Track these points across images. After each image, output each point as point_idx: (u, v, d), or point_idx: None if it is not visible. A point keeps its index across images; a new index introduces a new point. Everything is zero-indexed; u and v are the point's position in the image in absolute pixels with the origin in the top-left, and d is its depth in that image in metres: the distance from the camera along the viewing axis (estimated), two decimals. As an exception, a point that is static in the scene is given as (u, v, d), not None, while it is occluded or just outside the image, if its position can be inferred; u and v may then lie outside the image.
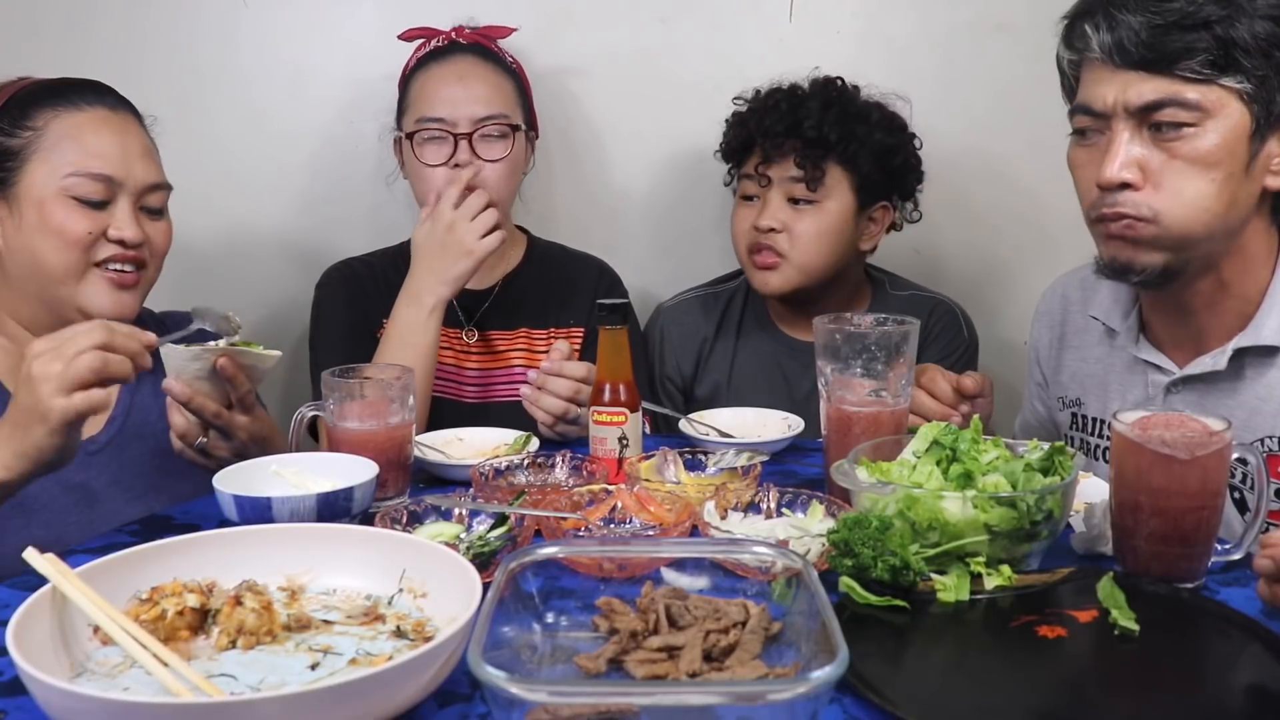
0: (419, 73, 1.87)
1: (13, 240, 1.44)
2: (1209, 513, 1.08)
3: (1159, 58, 1.24)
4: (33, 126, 1.43)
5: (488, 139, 1.81)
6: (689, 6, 2.14)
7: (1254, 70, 1.23)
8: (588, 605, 0.98)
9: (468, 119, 1.80)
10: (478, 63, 1.86)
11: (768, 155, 1.84)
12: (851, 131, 1.82)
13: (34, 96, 1.46)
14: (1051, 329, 1.64)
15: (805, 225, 1.84)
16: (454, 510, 1.21)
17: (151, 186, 1.49)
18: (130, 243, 1.45)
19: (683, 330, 2.02)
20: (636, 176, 2.20)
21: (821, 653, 0.81)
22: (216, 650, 0.93)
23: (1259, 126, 1.25)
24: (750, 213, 1.88)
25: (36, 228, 1.43)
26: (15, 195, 1.43)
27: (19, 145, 1.43)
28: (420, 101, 1.83)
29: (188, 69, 2.07)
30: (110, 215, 1.45)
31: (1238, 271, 1.34)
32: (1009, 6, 2.10)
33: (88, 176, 1.43)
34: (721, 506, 1.22)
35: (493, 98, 1.83)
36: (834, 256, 1.87)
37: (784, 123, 1.82)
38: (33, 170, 1.43)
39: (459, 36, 1.90)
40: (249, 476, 1.27)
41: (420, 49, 1.92)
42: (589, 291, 1.96)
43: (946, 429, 1.18)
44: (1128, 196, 1.28)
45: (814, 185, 1.82)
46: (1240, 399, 1.36)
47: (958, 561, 1.07)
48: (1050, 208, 1.40)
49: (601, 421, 1.41)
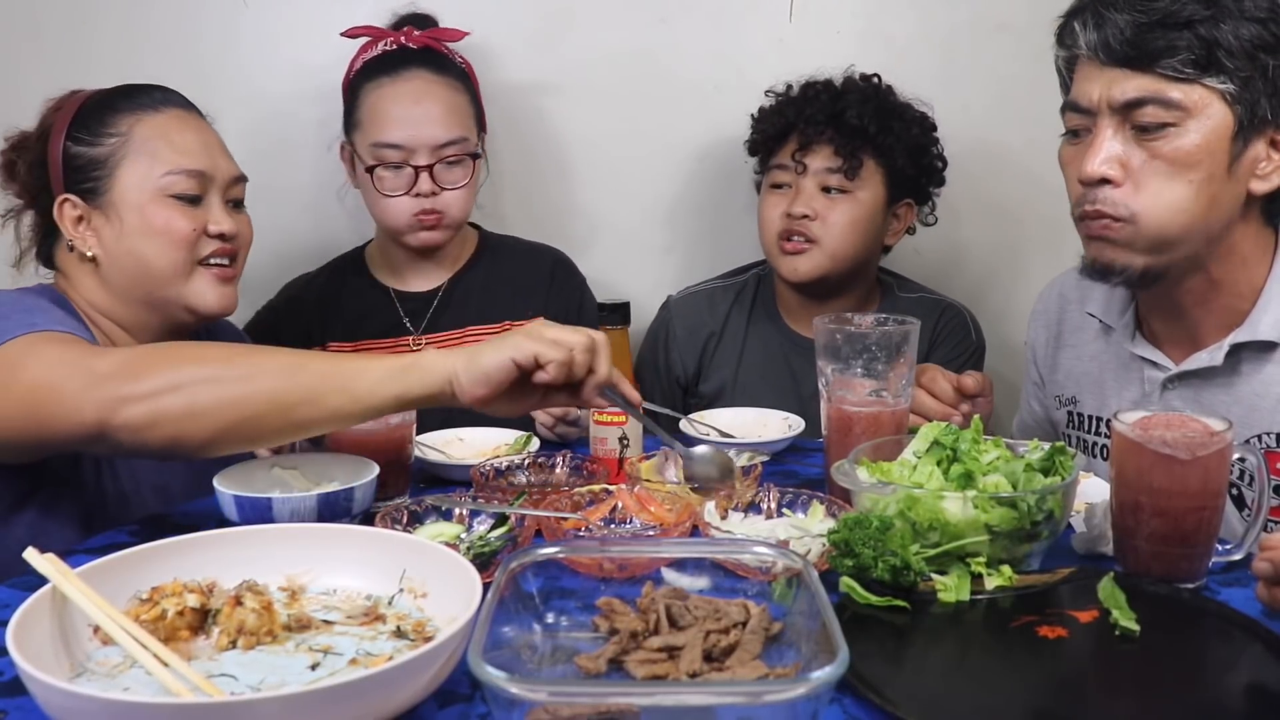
0: (370, 86, 1.82)
1: (114, 247, 1.43)
2: (1210, 513, 1.07)
3: (1141, 55, 1.24)
4: (116, 133, 1.43)
5: (447, 164, 1.80)
6: (689, 6, 2.14)
7: (1238, 71, 1.23)
8: (588, 605, 0.98)
9: (427, 146, 1.77)
10: (432, 79, 1.81)
11: (805, 143, 1.85)
12: (889, 125, 1.85)
13: (106, 104, 1.46)
14: (1048, 327, 1.64)
15: (838, 214, 1.85)
16: (454, 510, 1.21)
17: (236, 179, 1.52)
18: (228, 235, 1.47)
19: (687, 324, 2.02)
20: (636, 177, 2.20)
21: (822, 653, 0.81)
22: (217, 650, 0.93)
23: (1242, 128, 1.25)
24: (782, 200, 1.88)
25: (140, 231, 1.43)
26: (110, 202, 1.43)
27: (105, 153, 1.43)
28: (374, 124, 1.79)
29: (188, 69, 2.07)
30: (206, 211, 1.46)
31: (1229, 271, 1.35)
32: (1009, 6, 2.10)
33: (184, 174, 1.44)
34: (722, 507, 1.22)
35: (450, 119, 1.80)
36: (862, 247, 1.89)
37: (825, 111, 1.84)
38: (125, 175, 1.43)
39: (409, 40, 1.85)
40: (249, 477, 1.27)
41: (366, 50, 1.87)
42: (543, 283, 1.95)
43: (947, 429, 1.18)
44: (1108, 194, 1.29)
45: (852, 174, 1.84)
46: (1237, 394, 1.36)
47: (958, 562, 1.07)
48: (1050, 208, 1.40)
49: (602, 421, 1.41)
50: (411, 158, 1.78)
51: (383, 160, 1.79)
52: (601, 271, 2.20)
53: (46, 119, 1.47)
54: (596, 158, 2.20)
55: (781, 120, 1.88)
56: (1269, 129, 1.27)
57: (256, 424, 1.15)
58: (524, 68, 2.12)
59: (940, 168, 1.95)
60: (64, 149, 1.43)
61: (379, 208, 1.83)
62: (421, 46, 1.86)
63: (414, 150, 1.78)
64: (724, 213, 2.18)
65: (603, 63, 2.14)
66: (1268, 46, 1.23)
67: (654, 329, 2.06)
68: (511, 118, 2.15)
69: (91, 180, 1.43)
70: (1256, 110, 1.24)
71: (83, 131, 1.44)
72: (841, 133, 1.83)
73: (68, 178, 1.43)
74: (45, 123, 1.47)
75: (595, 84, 2.15)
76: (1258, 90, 1.24)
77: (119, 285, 1.45)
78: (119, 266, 1.44)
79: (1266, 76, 1.24)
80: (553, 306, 1.93)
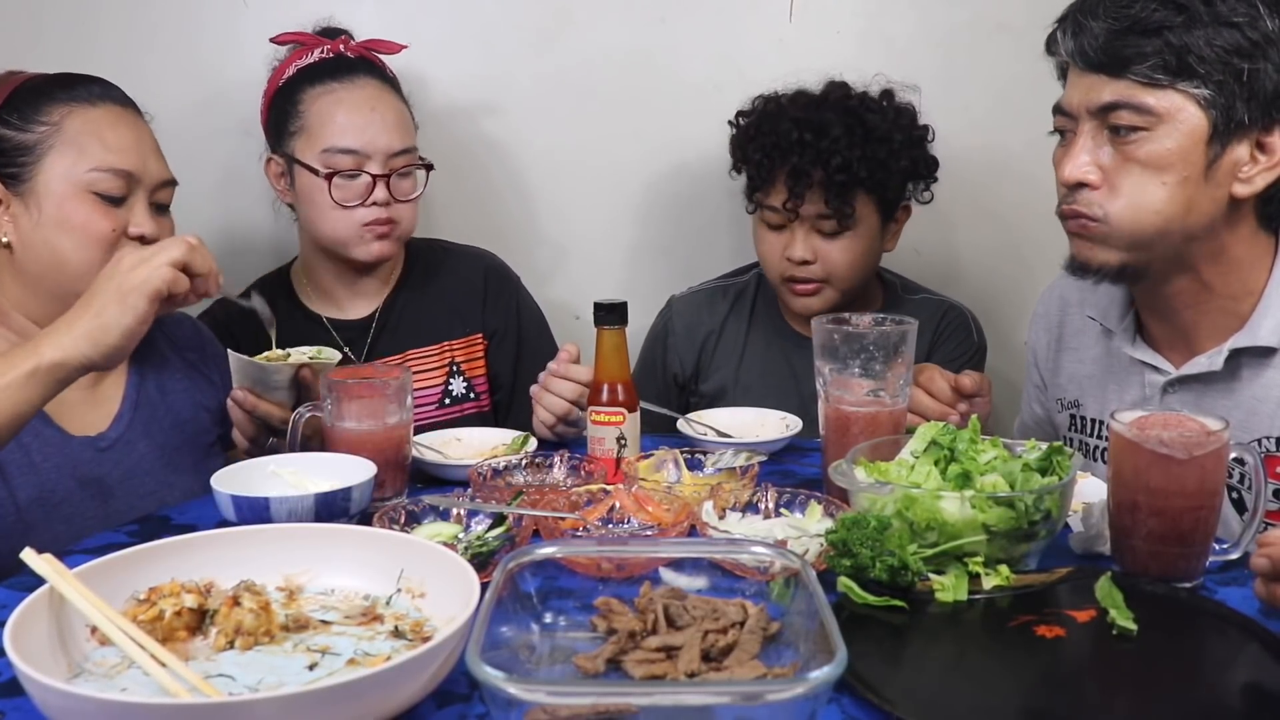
0: (316, 92, 1.75)
1: (29, 235, 1.42)
2: (1207, 512, 1.08)
3: (1114, 61, 1.27)
4: (47, 121, 1.42)
5: (399, 175, 1.76)
6: (689, 6, 2.13)
7: (1210, 76, 1.24)
8: (586, 605, 0.98)
9: (382, 154, 1.73)
10: (382, 88, 1.77)
11: (794, 190, 1.79)
12: (877, 158, 1.78)
13: (42, 90, 1.44)
14: (1049, 330, 1.64)
15: (838, 254, 1.82)
16: (452, 510, 1.21)
17: (164, 183, 1.50)
18: (148, 238, 1.45)
19: (686, 323, 2.02)
20: (636, 177, 2.20)
21: (820, 653, 0.81)
22: (214, 651, 0.93)
23: (1217, 132, 1.26)
24: (779, 240, 1.85)
25: (57, 224, 1.41)
26: (32, 190, 1.41)
27: (33, 140, 1.41)
28: (325, 129, 1.73)
29: (188, 69, 2.07)
30: (128, 212, 1.45)
31: (1220, 274, 1.35)
32: (1009, 6, 2.10)
33: (111, 172, 1.43)
34: (720, 506, 1.22)
35: (402, 128, 1.76)
36: (867, 270, 1.89)
37: (811, 160, 1.76)
38: (50, 165, 1.41)
39: (347, 50, 1.80)
40: (247, 477, 1.27)
41: (299, 55, 1.80)
42: (477, 295, 1.91)
43: (945, 429, 1.18)
44: (1085, 196, 1.33)
45: (846, 218, 1.79)
46: (1237, 399, 1.36)
47: (956, 561, 1.07)
48: (1049, 208, 1.40)
49: (600, 421, 1.41)
50: (366, 164, 1.72)
51: (337, 167, 1.72)
52: (601, 272, 2.21)
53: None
54: (596, 157, 2.20)
55: (768, 164, 1.81)
56: (1251, 132, 1.27)
57: None
58: (523, 67, 2.12)
59: (932, 161, 1.89)
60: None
61: (326, 220, 1.75)
62: (357, 55, 1.80)
63: (369, 157, 1.72)
64: (724, 213, 2.18)
65: (602, 63, 2.14)
66: (1242, 52, 1.24)
67: (655, 327, 2.06)
68: (511, 118, 2.15)
69: (16, 166, 1.42)
70: (1232, 115, 1.25)
71: (13, 115, 1.42)
72: (831, 183, 1.77)
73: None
74: None
75: (595, 84, 2.15)
76: (1233, 95, 1.25)
77: (31, 275, 1.45)
78: (33, 256, 1.43)
79: (1242, 81, 1.24)
80: (491, 318, 1.92)
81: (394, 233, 1.78)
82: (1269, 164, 1.28)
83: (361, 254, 1.78)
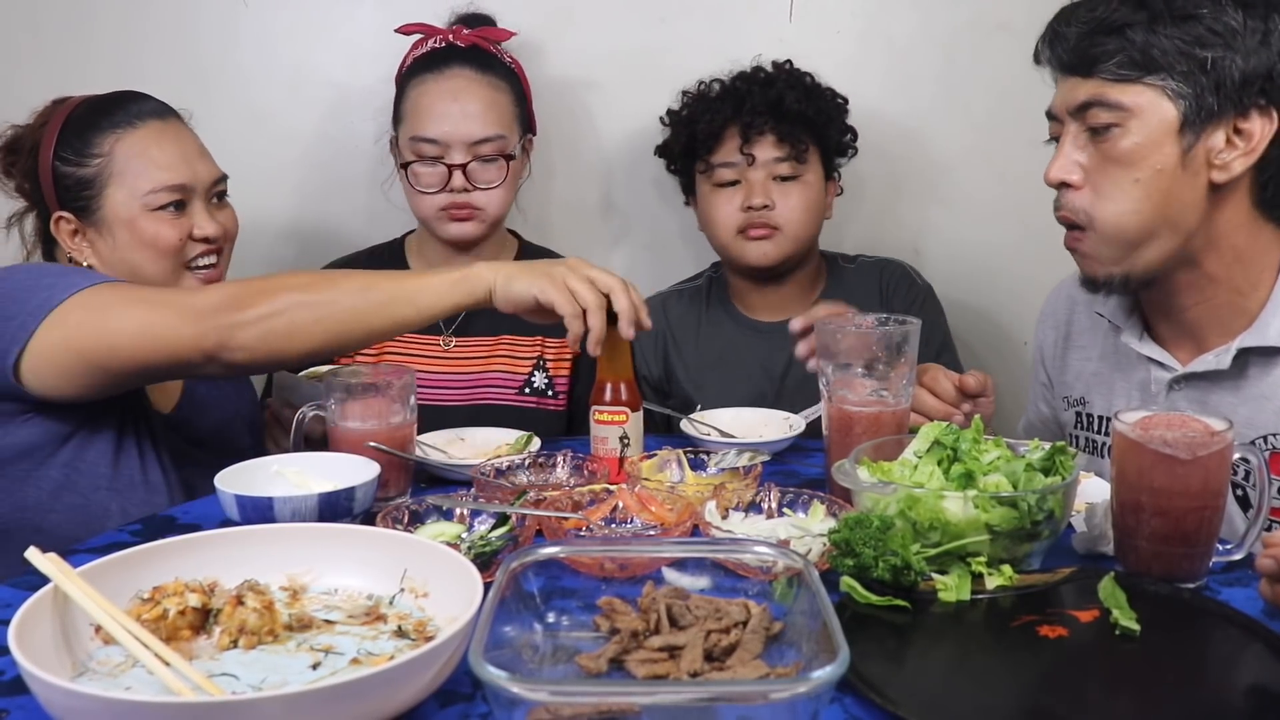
0: (415, 81, 1.86)
1: (109, 258, 1.53)
2: (1210, 513, 1.07)
3: (1084, 62, 1.31)
4: (99, 153, 1.50)
5: (483, 162, 1.82)
6: (689, 6, 2.14)
7: (1175, 68, 1.27)
8: (589, 605, 0.98)
9: (462, 142, 1.81)
10: (474, 76, 1.85)
11: (749, 135, 1.88)
12: (821, 107, 1.92)
13: (87, 121, 1.52)
14: (1057, 329, 1.65)
15: (794, 199, 1.90)
16: (455, 510, 1.21)
17: (217, 180, 1.59)
18: (213, 238, 1.56)
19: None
20: (636, 177, 2.20)
21: (822, 652, 0.81)
22: (218, 650, 0.93)
23: (1188, 122, 1.28)
24: (734, 196, 1.91)
25: (131, 245, 1.52)
26: (103, 219, 1.52)
27: (92, 174, 1.50)
28: (414, 117, 1.84)
29: (188, 69, 2.07)
30: (190, 218, 1.54)
31: (1224, 266, 1.35)
32: (1009, 7, 2.10)
33: (165, 190, 1.51)
34: (722, 506, 1.22)
35: (488, 116, 1.83)
36: (817, 226, 1.96)
37: (764, 102, 1.87)
38: (113, 194, 1.51)
39: (456, 38, 1.90)
40: (251, 476, 1.27)
41: (417, 46, 1.92)
42: None
43: (948, 429, 1.18)
44: (1070, 197, 1.36)
45: (800, 159, 1.89)
46: (1243, 397, 1.36)
47: (959, 561, 1.07)
48: (1050, 208, 1.41)
49: (603, 421, 1.41)
50: (447, 154, 1.81)
51: (419, 154, 1.83)
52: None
53: (35, 133, 1.54)
54: (596, 157, 2.20)
55: (719, 117, 1.90)
56: (1225, 120, 1.28)
57: (342, 336, 1.34)
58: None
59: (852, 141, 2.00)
60: (53, 168, 1.50)
61: (413, 201, 1.88)
62: (468, 45, 1.89)
63: (449, 146, 1.81)
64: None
65: (602, 62, 2.14)
66: (1205, 42, 1.26)
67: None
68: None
69: (83, 199, 1.51)
70: (1202, 104, 1.27)
71: (68, 151, 1.50)
72: (784, 121, 1.87)
73: (60, 196, 1.51)
74: (34, 137, 1.53)
75: (595, 83, 2.15)
76: (1200, 85, 1.27)
77: None
78: (114, 274, 1.50)
79: (1208, 71, 1.26)
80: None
81: (476, 217, 1.84)
82: (1246, 149, 1.29)
83: (443, 233, 1.87)
